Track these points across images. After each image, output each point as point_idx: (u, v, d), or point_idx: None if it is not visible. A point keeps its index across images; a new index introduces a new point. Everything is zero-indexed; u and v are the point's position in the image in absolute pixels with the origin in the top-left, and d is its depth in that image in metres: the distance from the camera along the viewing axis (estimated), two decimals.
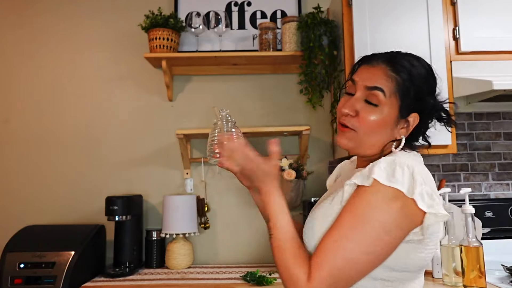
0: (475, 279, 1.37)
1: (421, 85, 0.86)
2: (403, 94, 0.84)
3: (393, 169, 0.76)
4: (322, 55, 1.83)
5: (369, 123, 0.84)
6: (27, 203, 2.00)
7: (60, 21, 2.10)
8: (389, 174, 0.76)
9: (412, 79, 0.85)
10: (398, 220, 0.74)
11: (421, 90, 0.85)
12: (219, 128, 1.08)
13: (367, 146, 0.87)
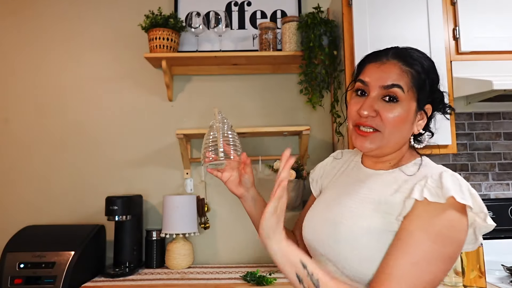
0: (475, 279, 1.37)
1: (433, 76, 0.86)
2: (420, 87, 0.84)
3: (459, 184, 0.75)
4: (322, 55, 1.83)
5: (393, 121, 0.82)
6: (27, 203, 2.00)
7: (60, 21, 2.10)
8: (459, 190, 0.74)
9: (425, 71, 0.84)
10: (466, 235, 0.76)
11: (434, 81, 0.86)
12: (215, 130, 1.02)
13: (392, 144, 0.85)
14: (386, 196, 0.81)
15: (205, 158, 0.99)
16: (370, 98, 0.84)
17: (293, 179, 1.79)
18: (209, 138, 1.01)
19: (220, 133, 1.01)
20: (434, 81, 0.86)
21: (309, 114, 2.04)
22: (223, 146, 1.00)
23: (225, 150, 1.00)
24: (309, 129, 1.84)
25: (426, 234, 0.72)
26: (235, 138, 1.02)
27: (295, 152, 2.01)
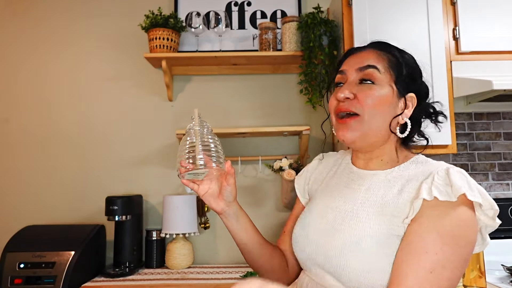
0: (475, 279, 1.37)
1: (413, 65, 0.86)
2: (397, 70, 0.82)
3: (467, 181, 0.74)
4: (322, 55, 1.83)
5: (371, 101, 0.79)
6: (27, 203, 2.00)
7: (60, 22, 2.10)
8: (468, 187, 0.72)
9: (402, 57, 0.85)
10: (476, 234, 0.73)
11: (414, 70, 0.85)
12: (193, 135, 0.86)
13: (374, 130, 0.81)
14: (391, 198, 0.77)
15: (180, 168, 0.82)
16: (348, 83, 0.84)
17: (293, 179, 1.79)
18: (186, 144, 0.85)
19: (199, 138, 0.85)
20: (414, 70, 0.85)
21: (309, 114, 2.04)
22: (203, 153, 0.83)
23: (205, 158, 0.83)
24: (309, 129, 1.84)
25: (439, 236, 0.68)
26: (217, 144, 0.87)
27: (295, 152, 2.01)
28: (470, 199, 0.70)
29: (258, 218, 2.00)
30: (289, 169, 1.81)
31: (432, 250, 0.67)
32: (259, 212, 2.00)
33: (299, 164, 1.88)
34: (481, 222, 0.75)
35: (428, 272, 0.65)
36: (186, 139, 0.86)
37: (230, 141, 2.04)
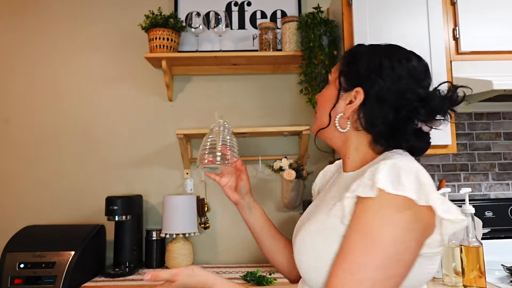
0: (475, 279, 1.37)
1: (361, 58, 0.81)
2: (342, 65, 0.84)
3: (397, 174, 0.66)
4: (322, 55, 1.83)
5: (320, 99, 0.87)
6: (27, 203, 2.00)
7: (60, 21, 2.10)
8: (394, 180, 0.65)
9: (353, 53, 0.83)
10: (413, 233, 0.64)
11: (362, 63, 0.79)
12: (214, 134, 1.02)
13: (324, 127, 0.84)
14: (339, 198, 0.74)
15: (202, 161, 0.98)
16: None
17: (293, 179, 1.79)
18: (208, 141, 1.01)
19: (220, 137, 1.01)
20: (362, 63, 0.79)
21: (309, 114, 2.04)
22: (222, 150, 0.98)
23: (223, 154, 0.98)
24: (309, 129, 1.84)
25: (358, 236, 0.65)
26: (233, 144, 1.01)
27: (295, 152, 2.01)
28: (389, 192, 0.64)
29: None
30: (289, 169, 1.81)
31: (355, 251, 0.65)
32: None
33: (299, 164, 1.88)
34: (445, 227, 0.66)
35: (350, 275, 0.63)
36: (208, 137, 1.02)
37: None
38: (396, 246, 0.63)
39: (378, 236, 0.63)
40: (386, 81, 0.76)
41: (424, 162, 2.00)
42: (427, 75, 0.80)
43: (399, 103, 0.75)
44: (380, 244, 0.63)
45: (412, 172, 0.66)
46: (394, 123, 0.75)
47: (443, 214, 0.64)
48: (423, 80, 0.78)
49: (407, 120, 0.75)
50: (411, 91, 0.75)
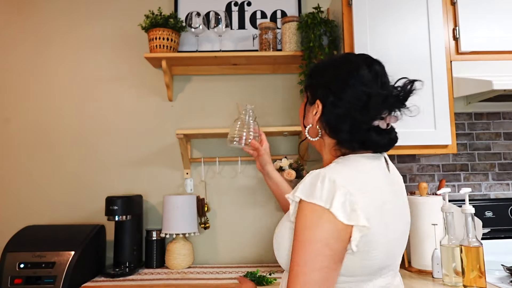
0: (475, 279, 1.37)
1: (318, 73, 0.91)
2: (306, 80, 0.95)
3: (314, 183, 0.75)
4: (322, 55, 1.83)
5: (299, 112, 0.98)
6: (27, 203, 2.00)
7: (60, 21, 2.10)
8: (308, 189, 0.75)
9: (312, 69, 0.94)
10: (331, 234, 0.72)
11: (319, 78, 0.90)
12: (241, 120, 1.37)
13: (302, 134, 0.97)
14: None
15: (229, 142, 1.35)
16: None
17: (293, 179, 1.79)
18: (236, 126, 1.36)
19: (245, 122, 1.36)
20: (322, 77, 0.89)
21: None
22: (242, 134, 1.33)
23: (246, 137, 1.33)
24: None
25: (295, 236, 0.75)
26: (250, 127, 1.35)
27: (295, 152, 2.01)
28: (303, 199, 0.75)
29: (258, 218, 2.01)
30: (289, 169, 1.81)
31: (293, 250, 0.75)
32: (259, 212, 2.00)
33: (299, 164, 1.88)
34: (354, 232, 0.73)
35: (291, 271, 0.74)
36: (237, 123, 1.36)
37: None
38: (317, 245, 0.72)
39: (302, 236, 0.74)
40: (338, 92, 0.84)
41: (424, 162, 2.00)
42: (377, 80, 0.83)
43: (352, 109, 0.81)
44: (305, 244, 0.73)
45: (329, 180, 0.74)
46: (351, 127, 0.82)
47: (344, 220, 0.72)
48: (373, 85, 0.82)
49: (363, 122, 0.81)
50: (361, 97, 0.81)
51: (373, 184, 0.79)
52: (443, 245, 1.48)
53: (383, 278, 0.80)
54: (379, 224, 0.75)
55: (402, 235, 0.84)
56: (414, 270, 1.65)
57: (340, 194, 0.72)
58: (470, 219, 1.41)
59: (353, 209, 0.72)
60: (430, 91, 1.65)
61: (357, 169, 0.79)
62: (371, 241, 0.74)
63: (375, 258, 0.76)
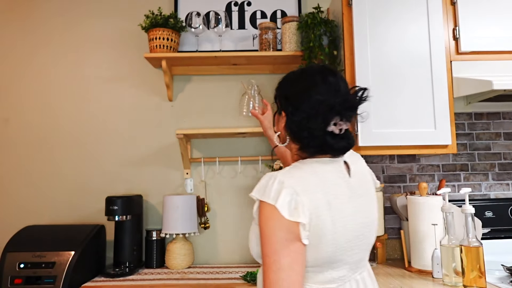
0: (475, 279, 1.37)
1: (281, 86, 1.00)
2: (275, 91, 1.02)
3: (266, 183, 0.85)
4: (322, 55, 1.83)
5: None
6: (27, 203, 2.00)
7: (60, 21, 2.10)
8: (261, 189, 0.85)
9: (281, 81, 1.01)
10: (282, 227, 0.81)
11: (281, 90, 0.99)
12: (247, 95, 1.71)
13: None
14: None
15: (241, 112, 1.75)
16: None
17: None
18: (245, 99, 1.75)
19: (251, 96, 1.70)
20: (284, 90, 0.98)
21: None
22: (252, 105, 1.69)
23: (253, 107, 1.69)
24: None
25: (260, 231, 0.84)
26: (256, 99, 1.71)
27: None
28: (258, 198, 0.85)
29: None
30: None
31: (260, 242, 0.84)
32: None
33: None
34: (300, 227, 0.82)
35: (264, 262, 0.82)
36: (245, 97, 1.75)
37: (230, 141, 2.04)
38: (276, 236, 0.81)
39: (263, 230, 0.83)
40: (295, 103, 0.93)
41: (424, 162, 2.00)
42: (330, 89, 0.90)
43: (306, 118, 0.90)
44: (267, 236, 0.82)
45: (278, 181, 0.84)
46: (309, 134, 0.90)
47: (286, 215, 0.80)
48: (326, 94, 0.89)
49: (316, 129, 0.89)
50: (315, 106, 0.89)
51: (322, 185, 0.86)
52: (443, 245, 1.48)
53: (335, 271, 0.88)
54: (326, 221, 0.83)
55: (360, 233, 0.90)
56: (414, 270, 1.65)
57: (286, 193, 0.82)
58: (470, 219, 1.41)
59: (296, 207, 0.81)
60: (430, 91, 1.65)
61: (308, 172, 0.87)
62: (320, 235, 0.83)
63: (324, 252, 0.84)
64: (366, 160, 2.01)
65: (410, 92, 1.65)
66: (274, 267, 0.79)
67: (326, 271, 0.87)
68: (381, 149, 1.66)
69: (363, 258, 0.94)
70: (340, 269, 0.88)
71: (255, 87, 1.67)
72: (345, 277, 0.89)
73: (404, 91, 1.65)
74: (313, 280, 0.87)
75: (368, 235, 0.93)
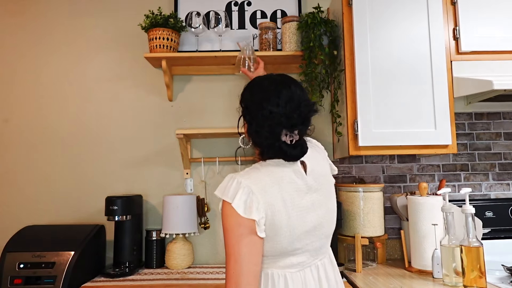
0: (475, 279, 1.37)
1: (245, 94, 1.06)
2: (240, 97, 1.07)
3: (226, 184, 0.95)
4: (322, 55, 1.83)
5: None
6: (27, 203, 2.00)
7: (60, 22, 2.10)
8: (222, 189, 0.95)
9: (244, 90, 1.07)
10: (239, 222, 0.90)
11: (244, 99, 1.05)
12: (243, 54, 1.71)
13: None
14: None
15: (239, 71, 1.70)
16: None
17: None
18: (241, 58, 1.72)
19: (246, 55, 1.71)
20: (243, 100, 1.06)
21: None
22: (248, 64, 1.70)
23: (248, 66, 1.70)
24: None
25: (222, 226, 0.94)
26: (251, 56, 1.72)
27: None
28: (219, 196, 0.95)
29: None
30: None
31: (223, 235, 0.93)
32: None
33: None
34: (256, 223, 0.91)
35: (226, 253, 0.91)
36: (241, 56, 1.72)
37: (230, 141, 2.04)
38: (234, 230, 0.90)
39: (224, 225, 0.92)
40: (252, 113, 1.00)
41: (424, 162, 2.00)
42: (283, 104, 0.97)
43: (261, 127, 0.97)
44: (227, 230, 0.91)
45: (236, 182, 0.93)
46: (265, 141, 0.98)
47: (241, 213, 0.90)
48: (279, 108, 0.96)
49: (270, 138, 0.97)
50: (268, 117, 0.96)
51: (277, 185, 0.95)
52: (443, 245, 1.48)
53: (295, 257, 0.98)
54: (281, 216, 0.93)
55: (317, 223, 1.00)
56: (414, 270, 1.65)
57: (242, 192, 0.92)
58: (470, 219, 1.41)
59: (250, 206, 0.91)
60: (430, 91, 1.65)
61: (264, 173, 0.96)
62: (275, 229, 0.93)
63: (281, 242, 0.95)
64: (366, 160, 2.02)
65: (410, 92, 1.65)
66: (233, 257, 0.89)
67: (286, 258, 0.97)
68: (381, 149, 1.66)
69: (322, 246, 1.04)
70: (300, 256, 0.99)
71: (250, 47, 1.71)
72: (305, 263, 1.00)
73: (404, 91, 1.65)
74: (274, 265, 0.97)
75: (325, 225, 1.03)
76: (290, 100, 0.97)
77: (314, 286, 0.99)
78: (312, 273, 1.00)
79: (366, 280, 1.54)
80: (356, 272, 1.67)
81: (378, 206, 1.80)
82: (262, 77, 1.08)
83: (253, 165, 1.01)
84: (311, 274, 1.00)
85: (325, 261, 1.05)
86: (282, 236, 0.94)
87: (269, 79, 1.04)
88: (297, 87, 1.01)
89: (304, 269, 1.00)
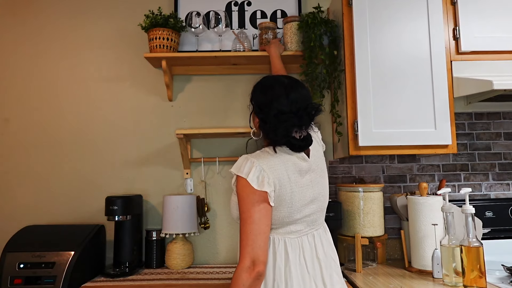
0: (475, 279, 1.37)
1: (256, 94, 1.21)
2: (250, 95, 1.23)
3: (241, 162, 1.13)
4: (322, 54, 1.83)
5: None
6: (27, 203, 2.00)
7: (60, 21, 2.10)
8: (238, 166, 1.13)
9: (254, 88, 1.22)
10: (253, 193, 1.08)
11: (256, 98, 1.20)
12: (238, 38, 1.93)
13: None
14: None
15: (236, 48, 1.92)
16: None
17: None
18: (237, 42, 1.93)
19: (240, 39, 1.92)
20: (253, 97, 1.21)
21: None
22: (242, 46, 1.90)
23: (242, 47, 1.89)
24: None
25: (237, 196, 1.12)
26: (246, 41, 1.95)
27: None
28: (235, 173, 1.13)
29: None
30: None
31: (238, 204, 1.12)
32: None
33: None
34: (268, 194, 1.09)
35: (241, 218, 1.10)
36: (236, 41, 1.93)
37: (230, 141, 2.04)
38: (249, 198, 1.08)
39: (240, 195, 1.10)
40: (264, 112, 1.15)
41: (424, 162, 2.00)
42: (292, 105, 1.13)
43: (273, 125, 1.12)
44: (243, 198, 1.09)
45: (250, 161, 1.11)
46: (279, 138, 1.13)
47: (255, 186, 1.07)
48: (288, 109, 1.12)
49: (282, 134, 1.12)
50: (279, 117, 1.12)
51: (284, 165, 1.12)
52: (443, 245, 1.48)
53: (294, 226, 1.15)
54: (286, 190, 1.10)
55: (314, 198, 1.17)
56: (414, 270, 1.65)
57: (255, 170, 1.09)
58: (470, 219, 1.41)
59: (262, 180, 1.08)
60: (430, 91, 1.65)
61: (273, 155, 1.13)
62: (280, 200, 1.11)
63: (283, 212, 1.12)
64: (366, 160, 2.02)
65: (410, 92, 1.65)
66: (248, 221, 1.07)
67: (286, 226, 1.14)
68: (381, 149, 1.66)
69: (318, 217, 1.21)
70: (298, 225, 1.16)
71: (243, 34, 1.92)
72: (302, 231, 1.17)
73: (404, 91, 1.65)
74: (276, 232, 1.15)
75: (321, 199, 1.20)
76: (300, 101, 1.14)
77: (310, 250, 1.16)
78: (308, 240, 1.17)
79: (366, 280, 1.54)
80: (356, 272, 1.67)
81: (378, 206, 1.80)
82: (272, 79, 1.22)
83: (263, 149, 1.17)
84: (307, 240, 1.17)
85: (320, 231, 1.22)
86: (286, 207, 1.12)
87: (278, 81, 1.19)
88: (303, 89, 1.19)
89: (302, 236, 1.17)
